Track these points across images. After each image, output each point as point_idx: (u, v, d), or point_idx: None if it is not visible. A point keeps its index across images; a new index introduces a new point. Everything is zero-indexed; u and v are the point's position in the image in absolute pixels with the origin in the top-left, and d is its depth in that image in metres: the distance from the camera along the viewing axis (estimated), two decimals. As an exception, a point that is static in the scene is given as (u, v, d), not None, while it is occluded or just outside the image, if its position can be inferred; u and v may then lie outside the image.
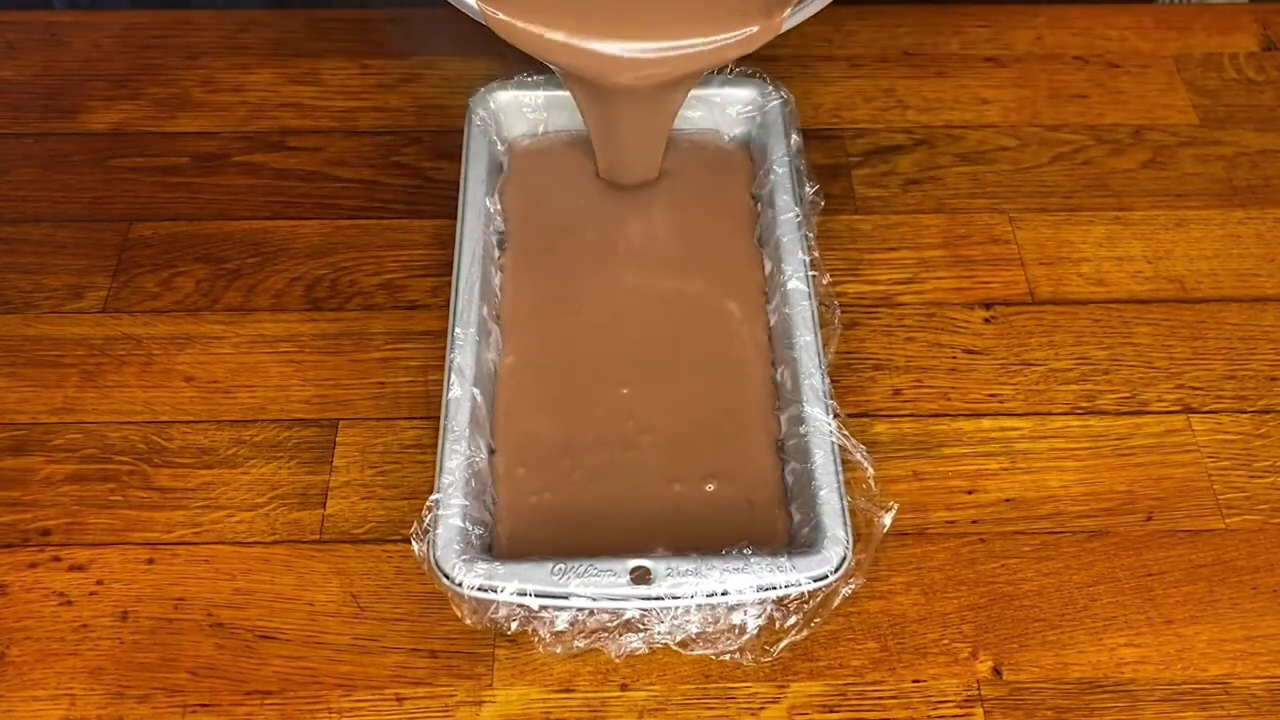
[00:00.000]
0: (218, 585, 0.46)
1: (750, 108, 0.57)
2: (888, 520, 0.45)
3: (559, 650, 0.43)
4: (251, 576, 0.46)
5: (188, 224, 0.57)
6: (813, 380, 0.47)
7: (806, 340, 0.48)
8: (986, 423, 0.51)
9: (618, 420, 0.48)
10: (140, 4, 0.70)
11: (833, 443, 0.45)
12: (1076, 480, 0.49)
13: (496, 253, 0.52)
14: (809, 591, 0.42)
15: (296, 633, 0.45)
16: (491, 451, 0.47)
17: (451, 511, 0.43)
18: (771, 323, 0.51)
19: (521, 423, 0.48)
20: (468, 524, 0.43)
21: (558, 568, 0.41)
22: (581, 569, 0.41)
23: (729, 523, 0.45)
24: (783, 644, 0.43)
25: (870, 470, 0.46)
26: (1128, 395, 0.52)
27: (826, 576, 0.41)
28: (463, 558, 0.41)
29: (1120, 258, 0.56)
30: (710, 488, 0.46)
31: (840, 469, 0.44)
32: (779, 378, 0.49)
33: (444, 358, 0.48)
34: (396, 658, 0.44)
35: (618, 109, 0.52)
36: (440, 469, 0.44)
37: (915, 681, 0.44)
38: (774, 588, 0.41)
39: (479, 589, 0.41)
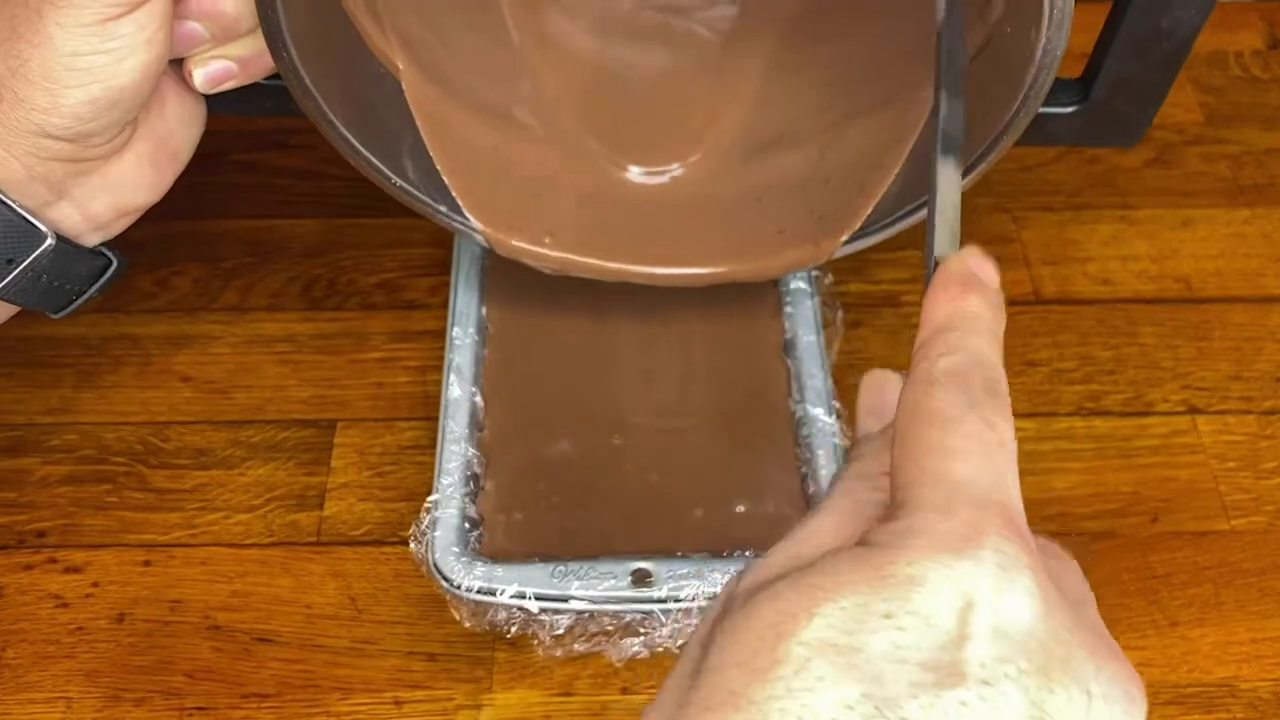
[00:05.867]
0: (214, 587, 0.45)
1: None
2: (891, 522, 0.44)
3: (559, 653, 0.42)
4: (248, 579, 0.46)
5: (184, 223, 0.57)
6: (815, 380, 0.46)
7: (809, 340, 0.48)
8: (990, 423, 0.50)
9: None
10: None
11: (835, 443, 0.45)
12: (1081, 481, 0.49)
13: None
14: (811, 594, 0.41)
15: (294, 635, 0.44)
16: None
17: (450, 513, 0.42)
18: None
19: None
20: (466, 526, 0.42)
21: (558, 570, 0.41)
22: (581, 571, 0.41)
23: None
24: (785, 647, 0.43)
25: (873, 471, 0.45)
26: (1133, 396, 0.51)
27: (829, 579, 0.41)
28: (461, 560, 0.41)
29: (1125, 257, 0.56)
30: (741, 509, 0.44)
31: (843, 470, 0.44)
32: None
33: (443, 358, 0.47)
34: (394, 661, 0.44)
35: None
36: (439, 470, 0.44)
37: (918, 685, 0.44)
38: (776, 590, 0.41)
39: (478, 591, 0.40)
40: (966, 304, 0.27)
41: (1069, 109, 0.45)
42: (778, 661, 0.22)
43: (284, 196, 0.58)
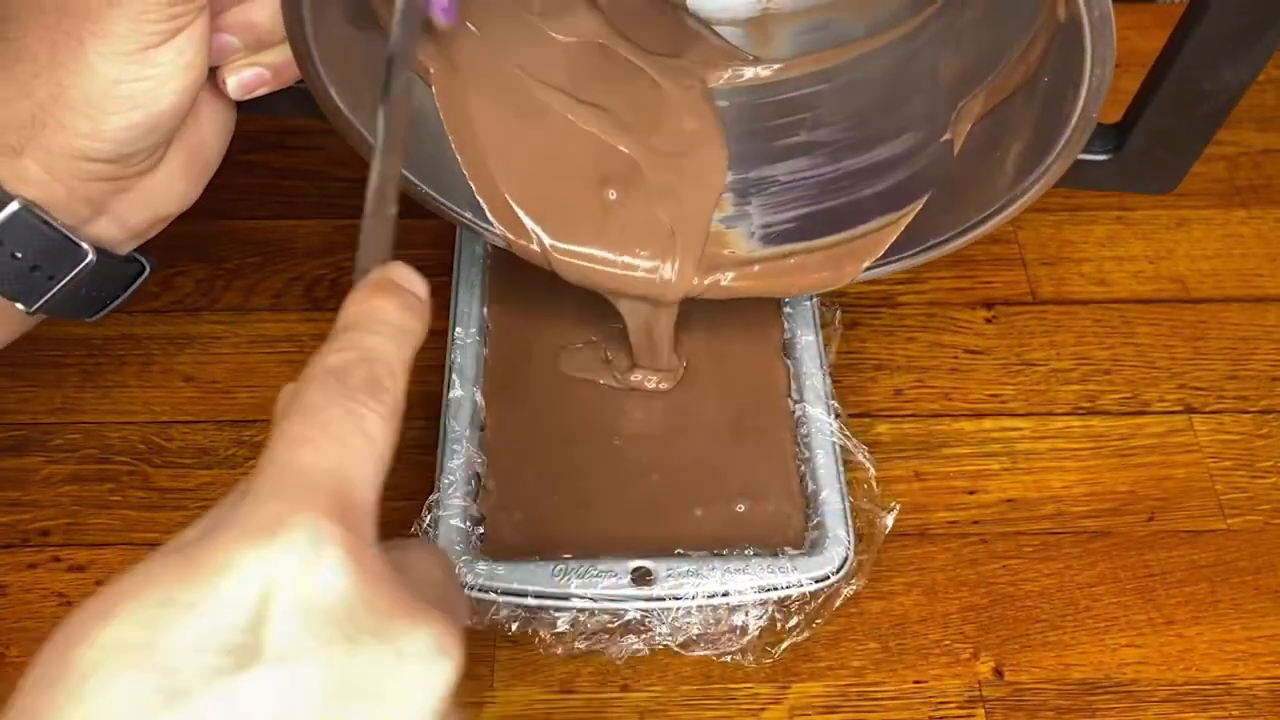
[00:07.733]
0: (217, 586, 0.46)
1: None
2: (889, 521, 0.45)
3: (560, 651, 0.43)
4: (251, 577, 0.46)
5: (187, 223, 0.57)
6: (814, 380, 0.47)
7: (808, 340, 0.48)
8: (988, 423, 0.51)
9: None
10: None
11: (834, 443, 0.45)
12: (1078, 480, 0.49)
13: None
14: (810, 592, 0.42)
15: (296, 633, 0.45)
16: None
17: (451, 512, 0.43)
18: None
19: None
20: (468, 524, 0.43)
21: (558, 568, 0.41)
22: (582, 569, 0.41)
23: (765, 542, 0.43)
24: (784, 645, 0.43)
25: (872, 470, 0.46)
26: (1129, 395, 0.52)
27: (828, 577, 0.41)
28: (463, 558, 0.41)
29: (1122, 257, 0.56)
30: (741, 508, 0.44)
31: (842, 469, 0.44)
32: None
33: (444, 358, 0.47)
34: (397, 658, 0.44)
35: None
36: (440, 469, 0.44)
37: (916, 682, 0.44)
38: (775, 588, 0.41)
39: (479, 589, 0.41)
40: (372, 305, 0.27)
41: (1103, 156, 0.44)
42: (66, 670, 0.21)
43: (286, 197, 0.58)
